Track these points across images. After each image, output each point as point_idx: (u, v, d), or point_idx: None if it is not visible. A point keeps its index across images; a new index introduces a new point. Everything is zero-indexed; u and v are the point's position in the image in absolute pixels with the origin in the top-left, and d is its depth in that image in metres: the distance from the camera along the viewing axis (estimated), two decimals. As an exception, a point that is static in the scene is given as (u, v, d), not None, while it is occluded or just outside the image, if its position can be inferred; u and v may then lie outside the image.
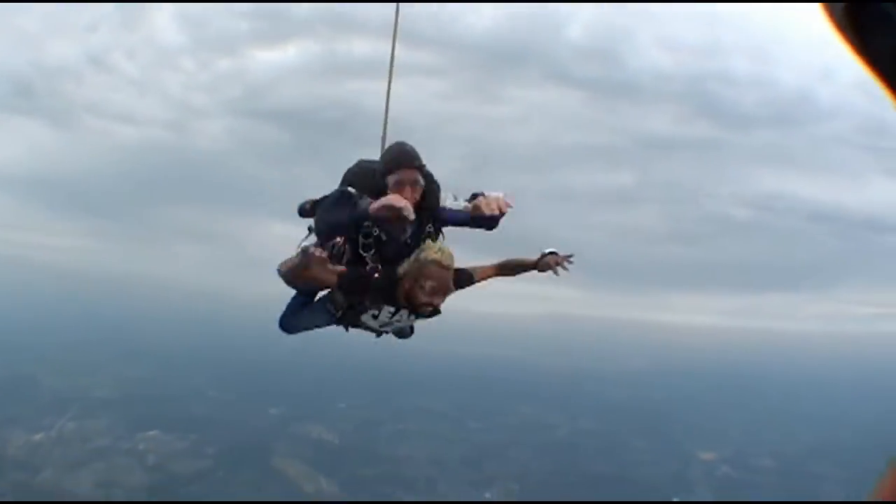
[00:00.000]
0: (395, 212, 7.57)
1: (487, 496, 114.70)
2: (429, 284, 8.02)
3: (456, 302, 9.25)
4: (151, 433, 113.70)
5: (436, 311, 8.51)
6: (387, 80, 10.93)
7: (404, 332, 10.12)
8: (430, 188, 8.61)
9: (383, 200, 7.65)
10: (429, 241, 8.36)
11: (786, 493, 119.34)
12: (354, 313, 9.02)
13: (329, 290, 8.95)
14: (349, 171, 9.09)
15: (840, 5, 2.28)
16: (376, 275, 8.31)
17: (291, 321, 9.49)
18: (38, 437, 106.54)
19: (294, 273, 7.85)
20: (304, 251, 7.63)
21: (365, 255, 8.41)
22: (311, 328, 9.59)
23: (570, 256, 9.44)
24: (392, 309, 8.78)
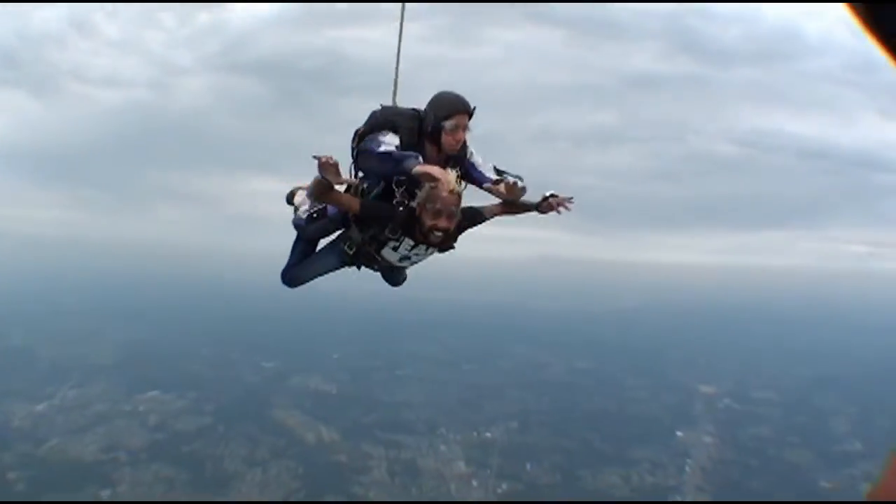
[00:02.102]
0: (437, 181, 8.35)
1: (488, 435, 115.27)
2: (434, 207, 8.59)
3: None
4: (151, 394, 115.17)
5: (447, 242, 9.18)
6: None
7: (398, 278, 10.55)
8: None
9: (430, 170, 8.32)
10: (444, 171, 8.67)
11: (792, 426, 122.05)
12: (373, 249, 9.52)
13: (343, 229, 9.77)
14: (378, 114, 9.37)
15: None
16: (401, 208, 8.93)
17: (295, 272, 10.27)
18: (40, 407, 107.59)
19: (318, 189, 8.52)
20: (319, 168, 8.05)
21: (396, 190, 9.03)
22: (317, 276, 10.24)
23: (571, 198, 9.70)
24: (412, 242, 9.23)
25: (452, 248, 9.48)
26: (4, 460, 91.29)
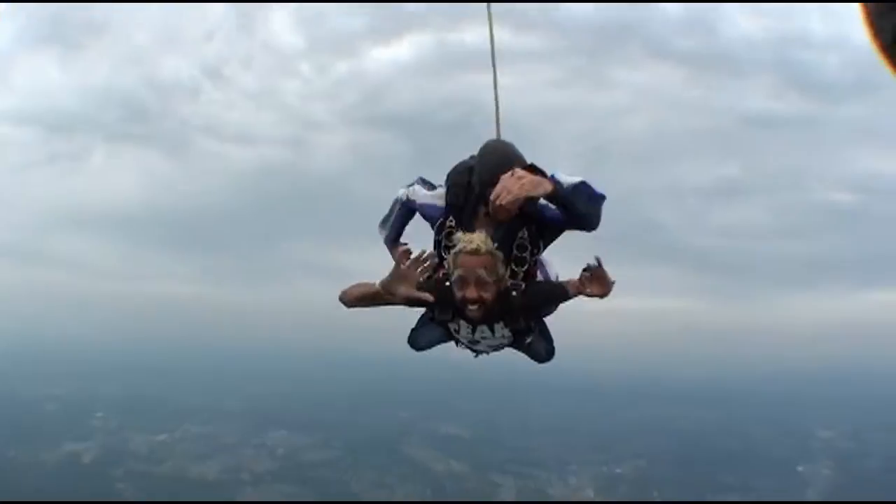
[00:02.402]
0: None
1: (618, 471, 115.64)
2: (457, 275, 7.07)
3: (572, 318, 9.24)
4: (280, 433, 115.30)
5: (486, 317, 7.50)
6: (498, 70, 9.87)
7: (538, 354, 8.92)
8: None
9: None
10: (459, 234, 7.30)
11: None
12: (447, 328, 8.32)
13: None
14: (452, 171, 8.08)
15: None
16: (447, 283, 7.37)
17: (415, 336, 9.08)
18: (161, 437, 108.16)
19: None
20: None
21: (445, 256, 7.55)
22: (430, 344, 9.27)
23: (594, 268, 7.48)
24: (467, 323, 7.80)
25: (529, 332, 7.96)
26: (115, 474, 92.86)
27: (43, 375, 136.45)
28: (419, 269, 7.11)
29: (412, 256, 7.16)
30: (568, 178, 7.05)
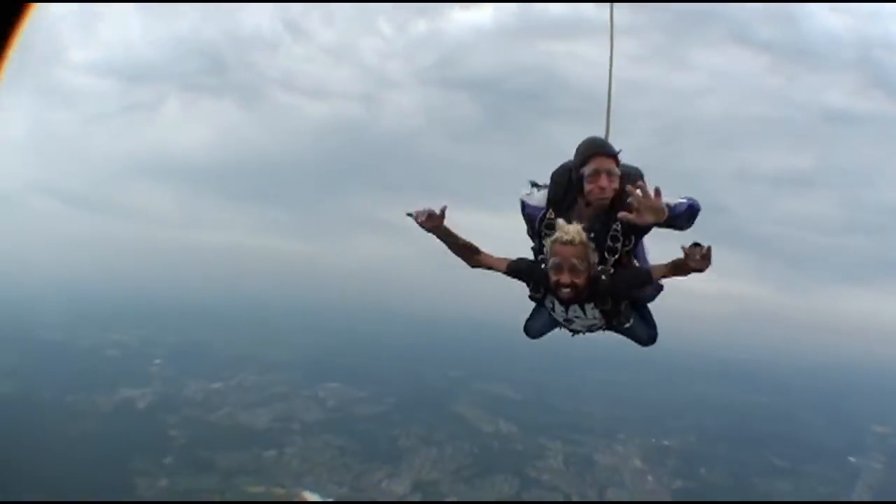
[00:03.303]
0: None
1: (666, 443, 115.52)
2: (553, 262, 7.82)
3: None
4: (332, 385, 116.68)
5: (577, 299, 8.19)
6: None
7: (639, 338, 9.50)
8: (625, 187, 7.87)
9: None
10: (559, 222, 7.97)
11: None
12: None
13: None
14: (555, 171, 8.67)
15: None
16: (543, 266, 8.16)
17: (529, 325, 9.79)
18: (216, 385, 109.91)
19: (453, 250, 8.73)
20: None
21: (544, 244, 8.21)
22: (540, 332, 9.78)
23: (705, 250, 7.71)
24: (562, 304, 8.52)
25: (619, 318, 8.70)
26: (169, 420, 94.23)
27: (106, 323, 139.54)
28: (432, 217, 8.15)
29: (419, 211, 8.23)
30: (676, 200, 7.71)
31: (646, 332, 9.23)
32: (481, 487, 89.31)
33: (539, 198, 8.54)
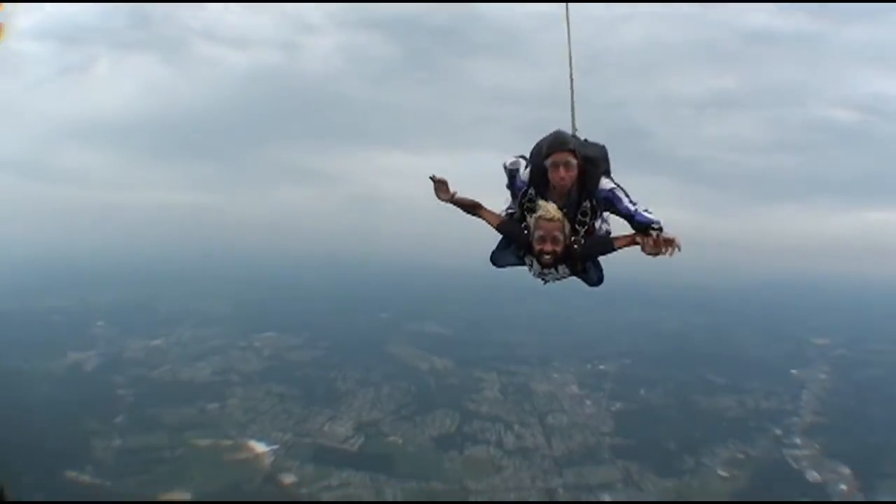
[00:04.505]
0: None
1: (602, 367, 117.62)
2: (538, 234, 9.52)
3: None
4: (267, 334, 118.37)
5: (555, 264, 9.91)
6: None
7: (591, 280, 10.85)
8: (590, 170, 9.79)
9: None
10: (540, 202, 9.65)
11: None
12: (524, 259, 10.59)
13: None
14: (532, 152, 10.23)
15: None
16: (526, 232, 9.91)
17: (496, 255, 11.04)
18: (156, 342, 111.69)
19: (454, 204, 10.40)
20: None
21: (526, 215, 9.97)
22: (509, 265, 11.02)
23: (674, 241, 9.54)
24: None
25: (584, 272, 10.38)
26: (116, 381, 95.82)
27: (48, 288, 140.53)
28: (442, 184, 10.22)
29: (437, 178, 10.28)
30: (648, 215, 9.51)
31: (596, 275, 10.73)
32: (422, 424, 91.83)
33: (525, 175, 10.12)
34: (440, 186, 10.27)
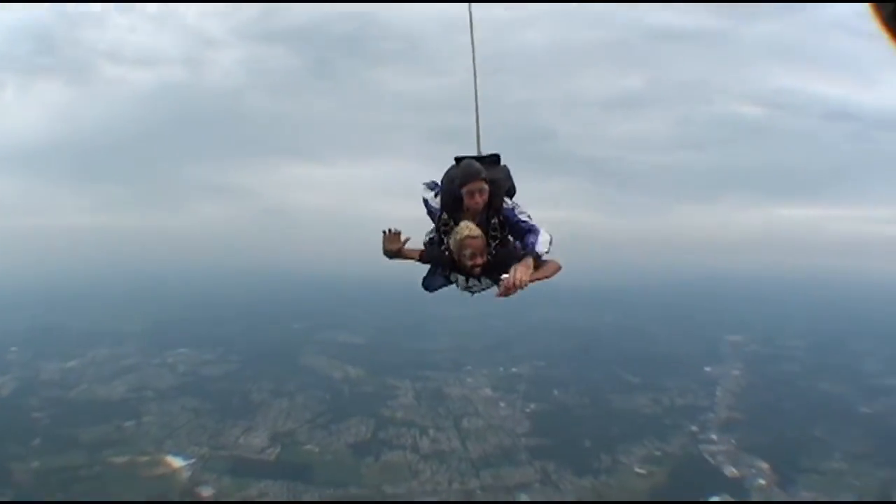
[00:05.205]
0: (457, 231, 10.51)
1: (514, 370, 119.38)
2: (468, 252, 10.26)
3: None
4: (180, 350, 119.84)
5: (484, 273, 10.67)
6: None
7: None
8: (495, 191, 10.78)
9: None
10: (461, 223, 10.49)
11: (823, 366, 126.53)
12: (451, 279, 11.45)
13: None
14: (443, 180, 11.32)
15: (891, 5, 2.80)
16: (447, 252, 10.74)
17: (427, 281, 11.87)
18: (71, 363, 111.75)
19: (387, 254, 10.89)
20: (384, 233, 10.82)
21: (444, 238, 10.90)
22: (440, 287, 11.89)
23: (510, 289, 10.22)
24: (464, 276, 10.97)
25: (500, 280, 10.44)
26: (31, 403, 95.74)
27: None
28: (394, 238, 10.65)
29: (391, 232, 10.70)
30: (535, 247, 10.39)
31: None
32: (338, 432, 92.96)
33: (437, 201, 11.10)
34: (392, 238, 10.79)
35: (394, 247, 10.72)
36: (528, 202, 11.09)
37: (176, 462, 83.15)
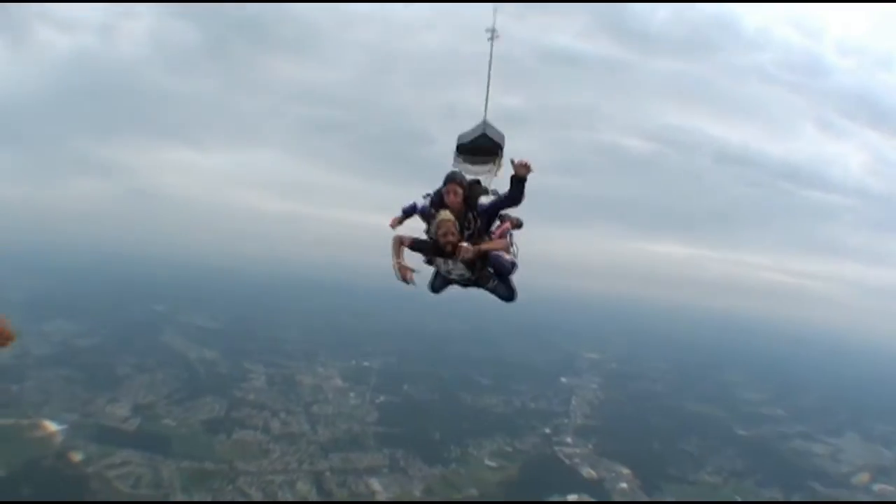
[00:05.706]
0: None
1: (366, 364, 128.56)
2: (442, 230, 12.47)
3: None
4: (56, 321, 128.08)
5: (455, 252, 12.67)
6: None
7: (501, 296, 13.81)
8: (472, 192, 13.11)
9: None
10: (440, 211, 12.72)
11: (689, 388, 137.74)
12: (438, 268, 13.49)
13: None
14: (436, 191, 13.52)
15: None
16: (431, 240, 12.91)
17: (432, 284, 13.91)
18: None
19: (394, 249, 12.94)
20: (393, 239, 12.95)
21: (429, 224, 13.10)
22: (443, 287, 13.95)
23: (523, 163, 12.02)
24: (443, 259, 12.97)
25: (482, 276, 13.28)
26: None
27: None
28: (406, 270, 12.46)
29: (409, 272, 12.57)
30: (487, 199, 12.86)
31: (506, 292, 13.42)
32: (193, 409, 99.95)
33: (425, 201, 13.40)
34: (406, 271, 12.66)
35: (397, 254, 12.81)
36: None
37: (52, 426, 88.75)
